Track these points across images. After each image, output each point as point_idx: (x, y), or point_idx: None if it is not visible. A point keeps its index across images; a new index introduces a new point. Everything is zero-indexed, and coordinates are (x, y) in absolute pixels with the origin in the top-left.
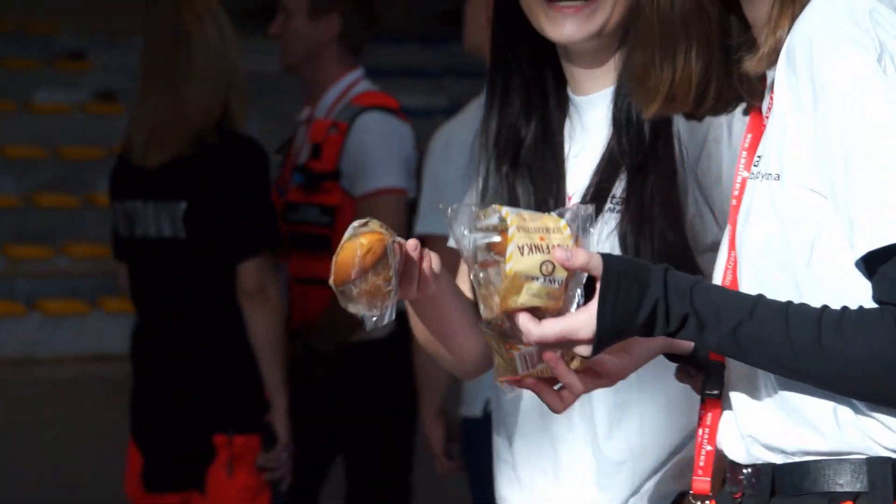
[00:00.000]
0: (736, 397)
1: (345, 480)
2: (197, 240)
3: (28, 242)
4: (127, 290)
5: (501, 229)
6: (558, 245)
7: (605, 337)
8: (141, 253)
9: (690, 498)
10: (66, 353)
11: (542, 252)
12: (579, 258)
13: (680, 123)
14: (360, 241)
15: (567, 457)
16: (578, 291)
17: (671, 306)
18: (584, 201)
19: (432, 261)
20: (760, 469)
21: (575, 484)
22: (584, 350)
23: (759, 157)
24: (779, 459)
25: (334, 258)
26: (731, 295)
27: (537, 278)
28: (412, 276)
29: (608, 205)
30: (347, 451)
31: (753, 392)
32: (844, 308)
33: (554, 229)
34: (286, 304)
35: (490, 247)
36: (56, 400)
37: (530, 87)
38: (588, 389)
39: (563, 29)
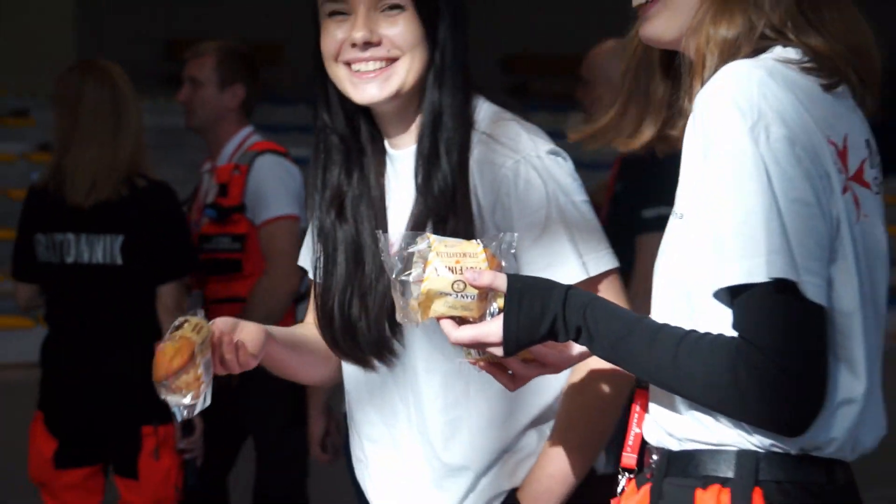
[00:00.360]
0: (653, 389)
1: (255, 463)
2: (131, 266)
3: None
4: (26, 306)
5: (424, 253)
6: (470, 267)
7: (511, 342)
8: (71, 276)
9: (619, 469)
10: (14, 361)
11: (456, 273)
12: (484, 278)
13: (476, 181)
14: (170, 346)
15: (408, 465)
16: (494, 304)
17: (568, 319)
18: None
19: (248, 348)
20: (662, 453)
21: (414, 488)
22: (498, 351)
23: (677, 198)
24: (675, 446)
25: (156, 355)
26: (617, 313)
27: (450, 294)
28: (231, 363)
29: None
30: (256, 440)
31: None
32: (706, 333)
33: (471, 254)
34: None
35: (417, 267)
36: (9, 400)
37: (348, 144)
38: (535, 375)
39: (365, 93)
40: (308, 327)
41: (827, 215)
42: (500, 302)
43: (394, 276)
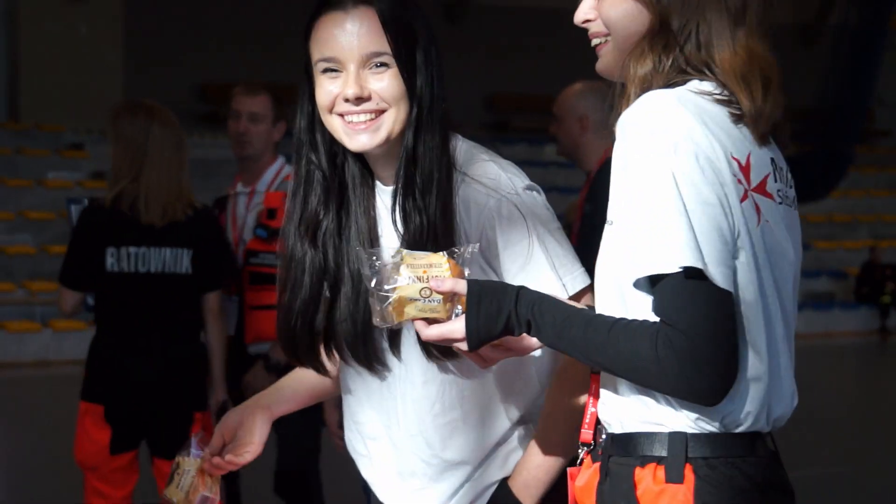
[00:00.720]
0: (602, 376)
1: (276, 442)
2: (194, 275)
3: (42, 280)
4: (72, 311)
5: (397, 265)
6: (435, 276)
7: (473, 338)
8: (142, 283)
9: (578, 443)
10: (72, 358)
11: (423, 282)
12: (446, 285)
13: (462, 217)
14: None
15: (407, 461)
16: (459, 307)
17: (519, 314)
18: None
19: (243, 448)
20: (608, 434)
21: (415, 480)
22: (464, 346)
23: (609, 207)
24: (617, 429)
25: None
26: (560, 307)
27: (419, 299)
28: (232, 468)
29: None
30: (278, 425)
31: None
32: (633, 319)
33: (436, 265)
34: (234, 326)
35: (390, 277)
36: (63, 390)
37: (329, 181)
38: (502, 357)
39: (358, 142)
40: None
41: (728, 216)
42: (461, 302)
43: (372, 285)
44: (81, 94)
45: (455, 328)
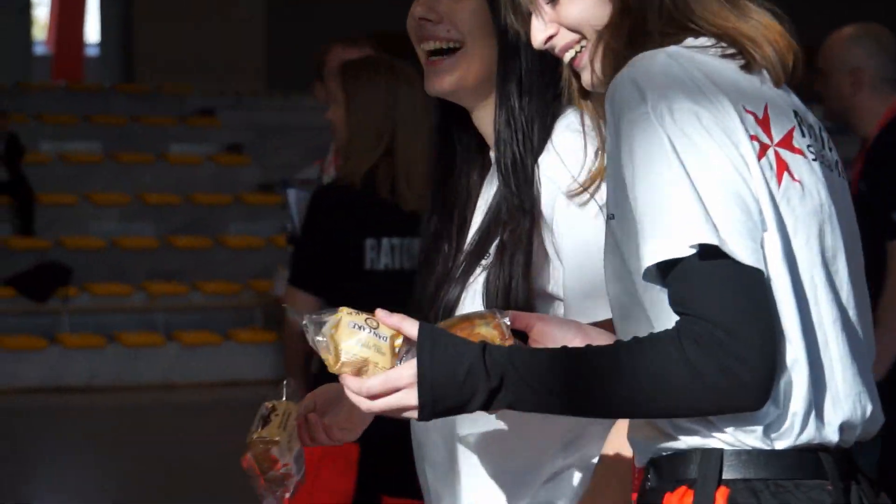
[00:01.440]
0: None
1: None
2: None
3: (165, 280)
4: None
5: (335, 319)
6: (376, 327)
7: (426, 387)
8: (406, 282)
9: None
10: (202, 380)
11: (366, 330)
12: (394, 318)
13: (543, 189)
14: (260, 448)
15: (467, 481)
16: (409, 355)
17: (489, 366)
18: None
19: (341, 423)
20: (645, 465)
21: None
22: (413, 402)
23: (606, 200)
24: (654, 454)
25: (252, 446)
26: (540, 351)
27: (364, 328)
28: (321, 441)
29: (482, 261)
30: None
31: None
32: (639, 336)
33: (375, 318)
34: None
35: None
36: (191, 421)
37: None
38: None
39: (430, 83)
40: None
41: (748, 181)
42: (411, 351)
43: (313, 337)
44: (212, 49)
45: (402, 374)
